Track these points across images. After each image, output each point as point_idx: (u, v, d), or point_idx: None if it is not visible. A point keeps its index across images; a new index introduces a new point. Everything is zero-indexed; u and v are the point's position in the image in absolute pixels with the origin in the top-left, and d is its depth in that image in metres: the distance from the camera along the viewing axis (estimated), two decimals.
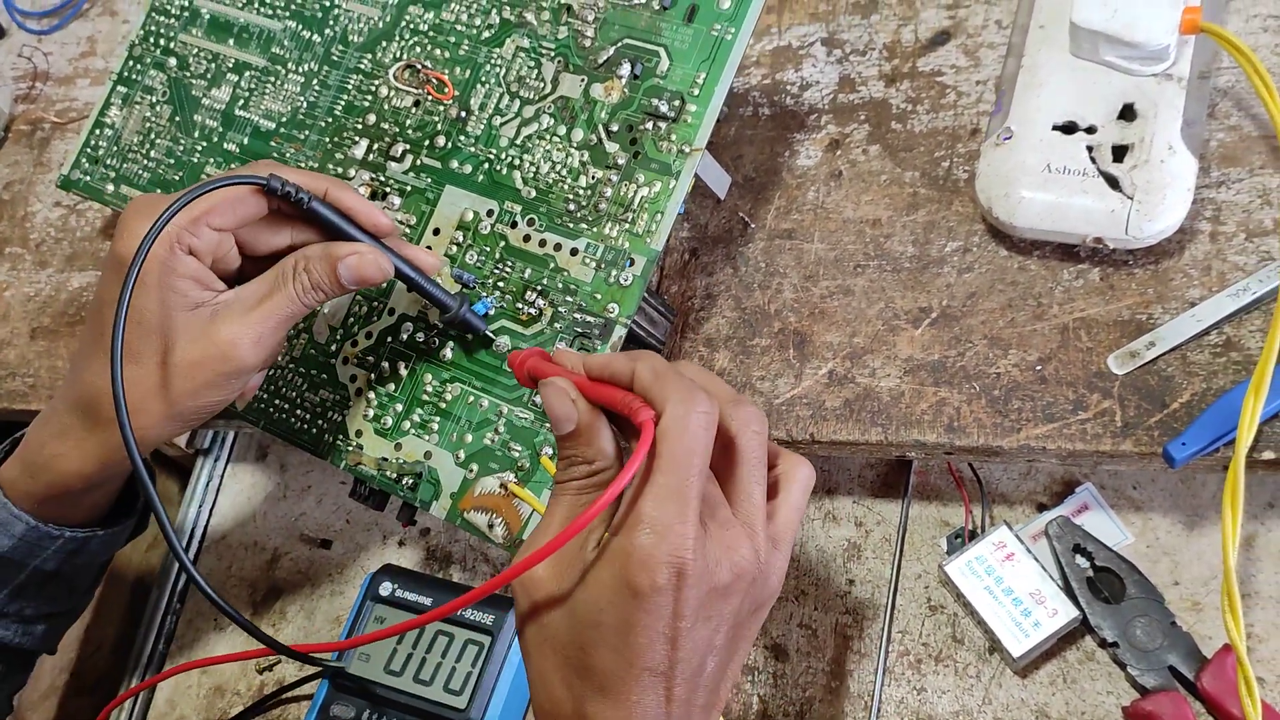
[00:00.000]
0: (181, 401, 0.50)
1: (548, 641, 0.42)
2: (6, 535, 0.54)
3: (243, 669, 0.67)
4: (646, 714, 0.40)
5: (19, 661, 0.61)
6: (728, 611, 0.41)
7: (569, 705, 0.41)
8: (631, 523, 0.39)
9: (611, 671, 0.40)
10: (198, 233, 0.50)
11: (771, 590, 0.43)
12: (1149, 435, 0.52)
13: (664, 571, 0.38)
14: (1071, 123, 0.56)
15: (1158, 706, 0.52)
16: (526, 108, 0.59)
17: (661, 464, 0.39)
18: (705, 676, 0.41)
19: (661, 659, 0.39)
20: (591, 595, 0.40)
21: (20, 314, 0.73)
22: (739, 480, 0.42)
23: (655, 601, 0.39)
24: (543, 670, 0.42)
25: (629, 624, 0.39)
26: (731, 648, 0.42)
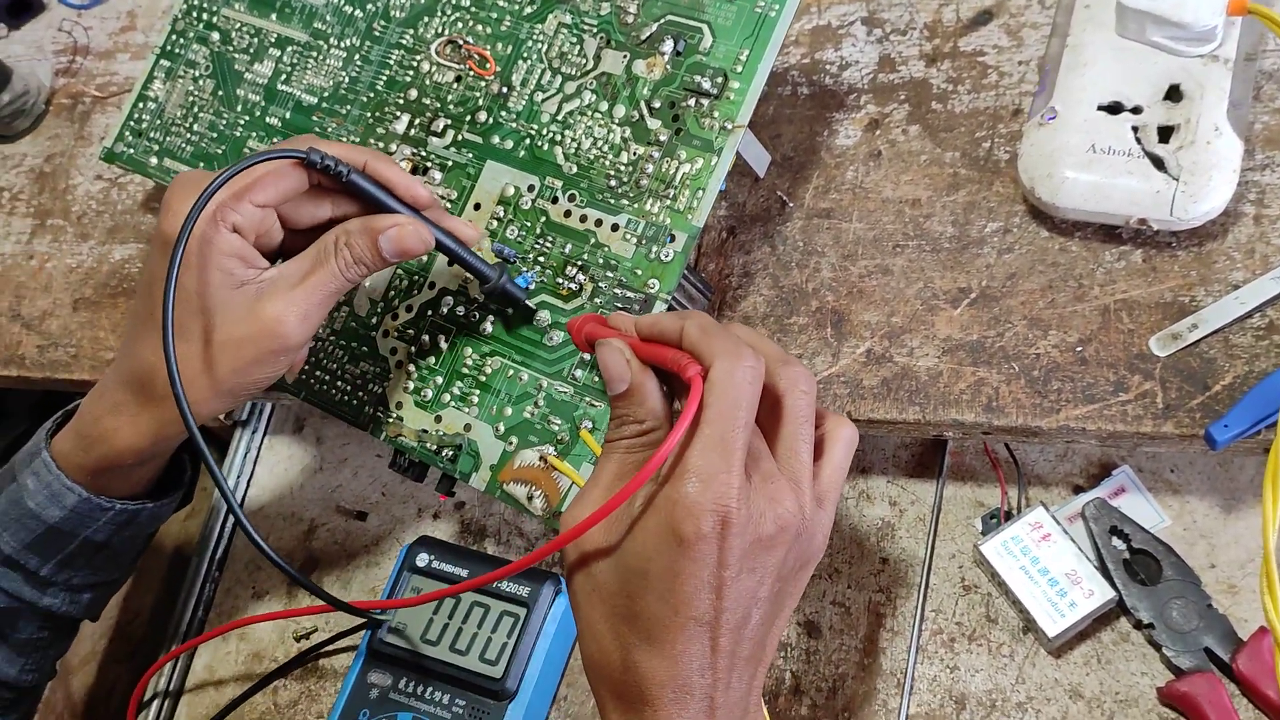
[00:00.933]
0: (230, 379, 0.51)
1: (596, 591, 0.42)
2: (58, 506, 0.55)
3: (280, 636, 0.68)
4: (691, 663, 0.40)
5: (64, 628, 0.62)
6: (772, 564, 0.41)
7: (617, 655, 0.42)
8: (678, 473, 0.40)
9: (657, 619, 0.40)
10: (241, 210, 0.50)
11: (816, 548, 0.43)
12: (1190, 417, 0.52)
13: (709, 519, 0.39)
14: (1117, 103, 0.56)
15: (1193, 688, 0.52)
16: (568, 84, 0.60)
17: (708, 415, 0.40)
18: (750, 629, 0.41)
19: (706, 608, 0.40)
20: (639, 544, 0.41)
21: (62, 285, 0.74)
22: (785, 437, 0.43)
23: (700, 549, 0.39)
24: (591, 620, 0.43)
25: (675, 572, 0.40)
26: (776, 602, 0.43)
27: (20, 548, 0.56)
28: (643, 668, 0.41)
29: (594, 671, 0.43)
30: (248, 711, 0.67)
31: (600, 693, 0.43)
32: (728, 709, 0.41)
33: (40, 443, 0.57)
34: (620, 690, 0.42)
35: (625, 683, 0.41)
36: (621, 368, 0.43)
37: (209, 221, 0.49)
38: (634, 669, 0.41)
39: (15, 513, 0.56)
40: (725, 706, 0.41)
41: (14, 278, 0.75)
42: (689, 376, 0.41)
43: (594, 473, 0.44)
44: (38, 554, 0.57)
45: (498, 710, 0.58)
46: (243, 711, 0.67)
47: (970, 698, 0.56)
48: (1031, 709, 0.55)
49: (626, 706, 0.42)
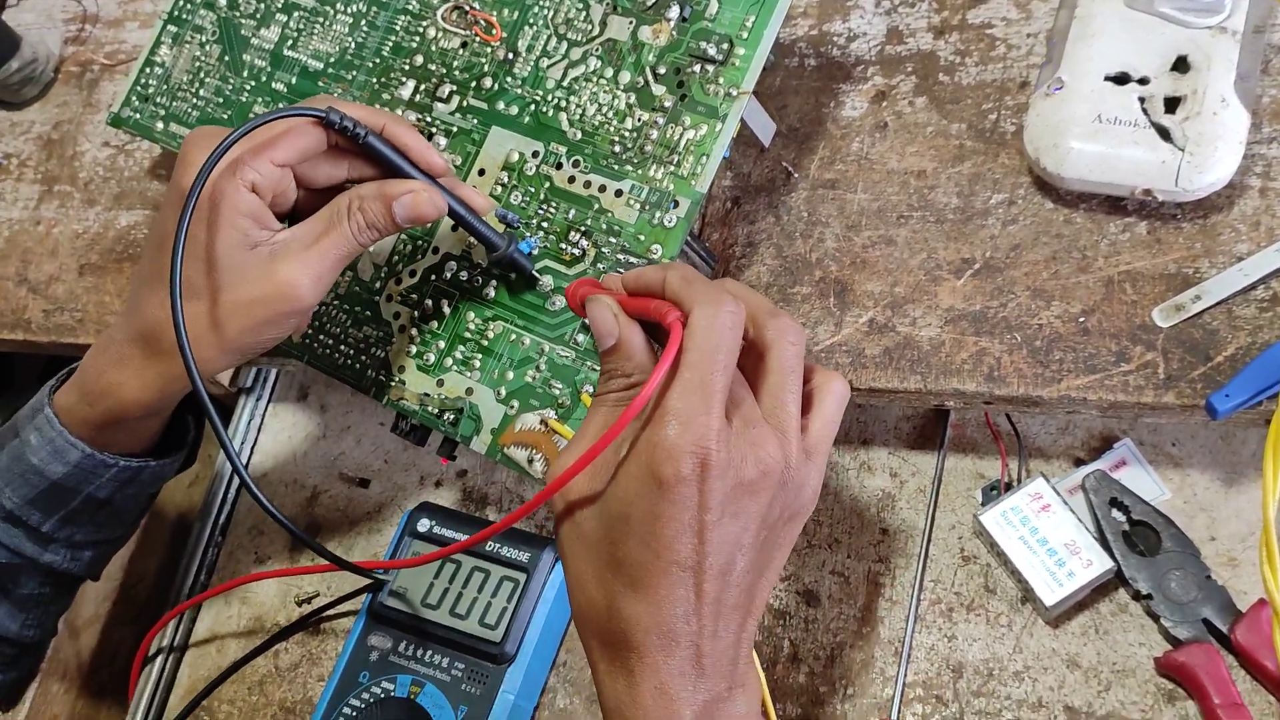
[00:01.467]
0: (240, 338, 0.51)
1: (581, 540, 0.43)
2: (61, 462, 0.56)
3: (282, 600, 0.69)
4: (676, 608, 0.40)
5: (65, 585, 0.62)
6: (755, 510, 0.41)
7: (602, 602, 0.42)
8: (658, 417, 0.40)
9: (640, 564, 0.40)
10: (259, 167, 0.50)
11: (805, 501, 0.43)
12: (1192, 388, 0.51)
13: (688, 461, 0.39)
14: (1124, 73, 0.55)
15: (1190, 658, 0.52)
16: (574, 50, 0.59)
17: (688, 359, 0.41)
18: (735, 575, 0.41)
19: (689, 552, 0.40)
20: (621, 489, 0.41)
21: (69, 250, 0.74)
22: (771, 387, 0.43)
23: (680, 492, 0.39)
24: (578, 569, 0.43)
25: (656, 515, 0.40)
26: (764, 552, 0.42)
27: (22, 503, 0.57)
28: (627, 614, 0.41)
29: (581, 620, 0.43)
30: (249, 673, 0.67)
31: (588, 641, 0.43)
32: (715, 657, 0.41)
33: (43, 399, 0.57)
34: (607, 637, 0.42)
35: (611, 630, 0.42)
36: (609, 323, 0.44)
37: (226, 177, 0.49)
38: (619, 615, 0.41)
39: (18, 468, 0.56)
40: (713, 655, 0.41)
41: (21, 243, 0.76)
42: (669, 323, 0.41)
43: (582, 426, 0.45)
44: (40, 510, 0.57)
45: (496, 674, 0.59)
46: (244, 673, 0.67)
47: (968, 666, 0.56)
48: (1029, 678, 0.55)
49: (613, 654, 0.42)
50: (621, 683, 0.42)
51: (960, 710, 0.55)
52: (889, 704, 0.56)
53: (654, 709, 0.41)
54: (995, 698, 0.55)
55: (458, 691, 0.59)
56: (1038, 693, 0.55)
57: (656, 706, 0.41)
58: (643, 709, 0.41)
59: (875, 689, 0.57)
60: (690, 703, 0.41)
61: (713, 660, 0.41)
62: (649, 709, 0.41)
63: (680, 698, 0.41)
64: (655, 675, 0.41)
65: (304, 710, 0.65)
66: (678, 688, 0.41)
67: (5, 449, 0.57)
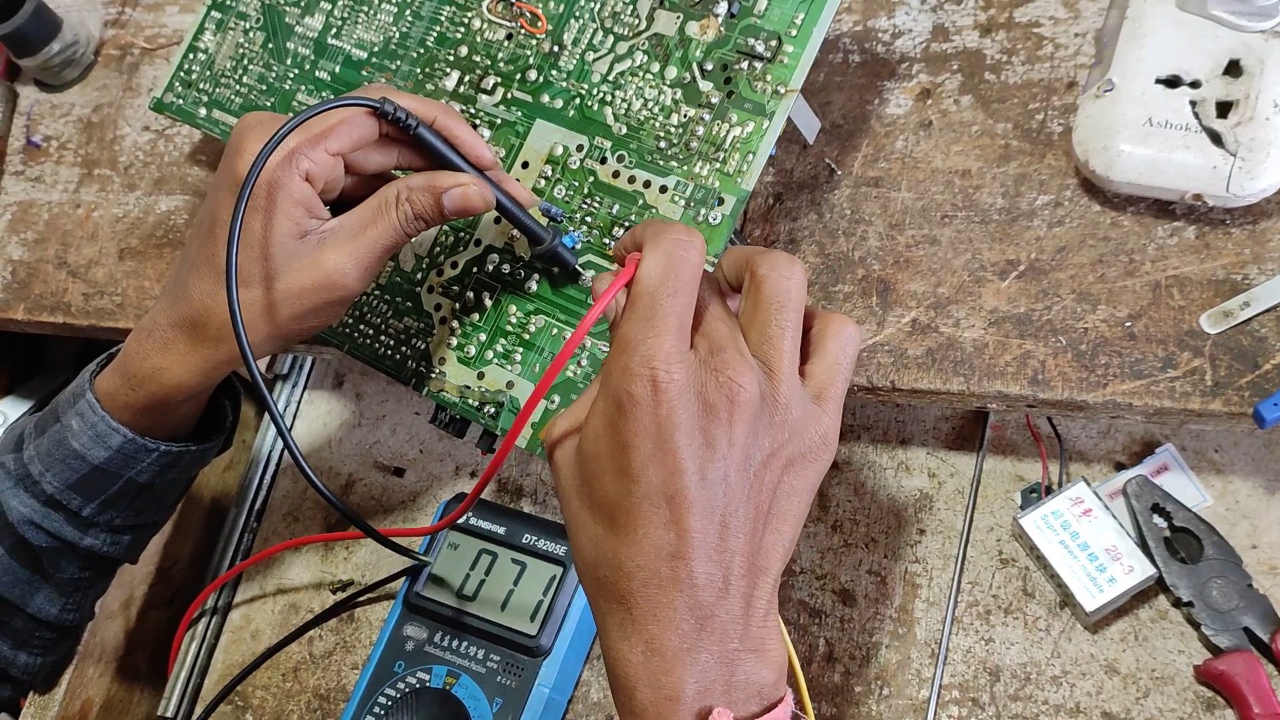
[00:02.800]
0: (287, 325, 0.52)
1: (566, 489, 0.43)
2: (103, 447, 0.56)
3: (317, 588, 0.69)
4: (658, 546, 0.39)
5: (104, 568, 0.63)
6: (728, 440, 0.39)
7: (590, 550, 0.41)
8: (613, 350, 0.41)
9: (615, 500, 0.40)
10: (315, 157, 0.50)
11: (809, 445, 0.42)
12: (1239, 395, 0.51)
13: (639, 383, 0.39)
14: (1175, 76, 0.55)
15: (1231, 666, 0.52)
16: (620, 44, 0.59)
17: (636, 291, 0.41)
18: (728, 515, 0.39)
19: (659, 479, 0.39)
20: (591, 428, 0.41)
21: (109, 234, 0.75)
22: (759, 322, 0.42)
23: (637, 415, 0.39)
24: (569, 521, 0.43)
25: (622, 445, 0.40)
26: (761, 495, 0.40)
27: (63, 488, 0.57)
28: (611, 558, 0.40)
29: (581, 574, 0.42)
30: (283, 660, 0.68)
31: (591, 602, 0.42)
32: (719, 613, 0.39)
33: (84, 384, 0.57)
34: (599, 590, 0.41)
35: (600, 581, 0.40)
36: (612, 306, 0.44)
37: (283, 165, 0.49)
38: (605, 561, 0.40)
39: (59, 453, 0.56)
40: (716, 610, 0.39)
41: (61, 226, 0.76)
42: (626, 263, 0.43)
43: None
44: (80, 494, 0.57)
45: (531, 667, 0.59)
46: (278, 660, 0.68)
47: (1005, 670, 0.56)
48: (1066, 683, 0.55)
49: (608, 609, 0.40)
50: (615, 640, 0.40)
51: (997, 713, 0.55)
52: (925, 706, 0.56)
53: (645, 669, 0.39)
54: (1032, 702, 0.55)
55: (493, 684, 0.59)
56: (1075, 698, 0.55)
57: (649, 666, 0.39)
58: (634, 669, 0.39)
59: (911, 690, 0.57)
60: (689, 662, 0.39)
61: (716, 616, 0.39)
62: (640, 669, 0.39)
63: (675, 656, 0.39)
64: (645, 629, 0.39)
65: (338, 698, 0.66)
66: (671, 643, 0.39)
67: (46, 434, 0.57)
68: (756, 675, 0.40)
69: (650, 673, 0.39)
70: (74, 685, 0.67)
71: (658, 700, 0.39)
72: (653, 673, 0.39)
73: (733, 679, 0.39)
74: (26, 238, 0.76)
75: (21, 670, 0.62)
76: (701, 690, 0.39)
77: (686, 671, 0.39)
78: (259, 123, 0.51)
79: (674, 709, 0.39)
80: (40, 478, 0.56)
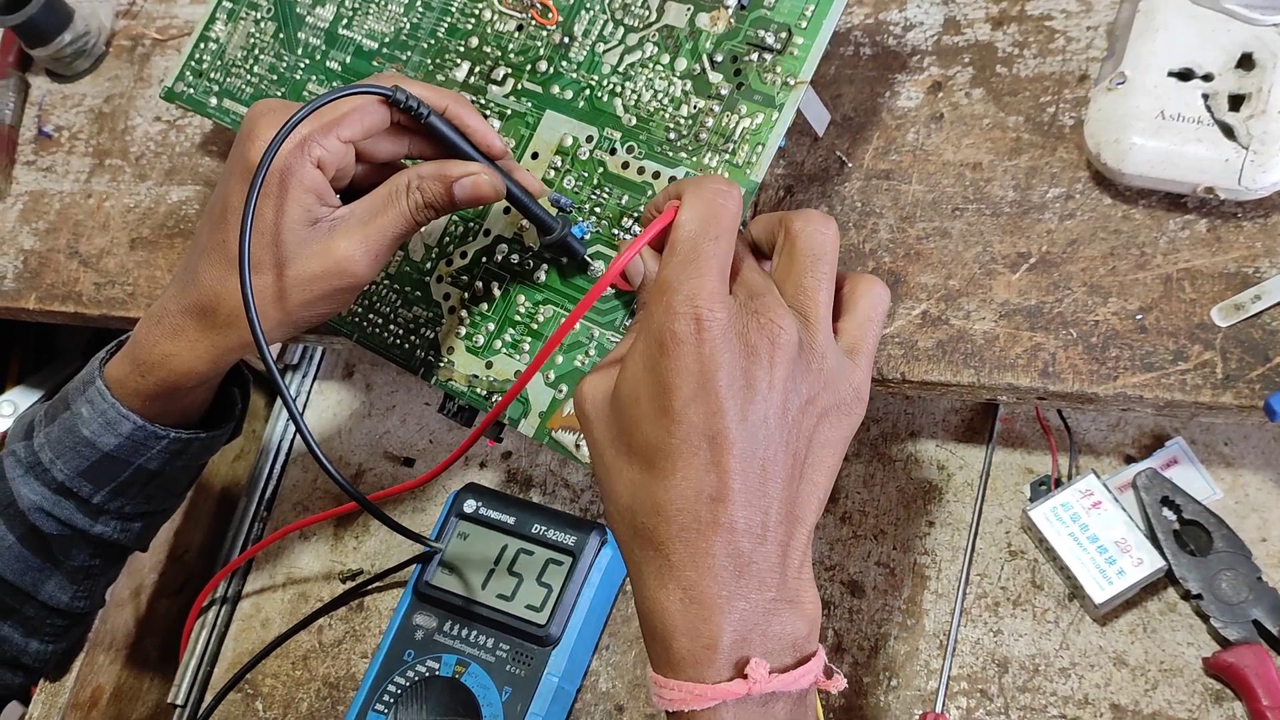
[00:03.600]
0: (296, 312, 0.52)
1: (600, 441, 0.43)
2: (113, 434, 0.56)
3: (326, 577, 0.69)
4: (699, 485, 0.39)
5: (114, 556, 0.63)
6: (770, 382, 0.40)
7: (627, 498, 0.41)
8: (654, 294, 0.41)
9: (655, 443, 0.40)
10: (327, 145, 0.50)
11: (844, 397, 0.42)
12: (1250, 388, 0.51)
13: (682, 321, 0.40)
14: (1188, 70, 0.55)
15: (1240, 659, 0.52)
16: (630, 35, 0.59)
17: (677, 238, 0.42)
18: (768, 459, 0.39)
19: (701, 418, 0.39)
20: (629, 373, 0.41)
21: (120, 224, 0.75)
22: (795, 275, 0.43)
23: (680, 353, 0.39)
24: (604, 473, 0.42)
25: (663, 385, 0.40)
26: (799, 443, 0.40)
27: (73, 475, 0.57)
28: (649, 502, 0.39)
29: (615, 525, 0.42)
30: (293, 648, 0.68)
31: (626, 546, 0.42)
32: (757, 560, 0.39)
33: (94, 371, 0.57)
34: (636, 539, 0.40)
35: (637, 529, 0.40)
36: (636, 264, 0.46)
37: (295, 153, 0.50)
38: (643, 508, 0.40)
39: (69, 441, 0.57)
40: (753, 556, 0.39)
41: (72, 215, 0.76)
42: (664, 209, 0.44)
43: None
44: (91, 481, 0.58)
45: (541, 656, 0.59)
46: (288, 648, 0.68)
47: (1013, 661, 0.56)
48: (1075, 674, 0.55)
49: (643, 558, 0.40)
50: (651, 589, 0.40)
51: (1005, 705, 0.56)
52: (933, 696, 0.56)
53: (683, 616, 0.39)
54: (1041, 693, 0.55)
55: (502, 673, 0.59)
56: (1084, 690, 0.55)
57: (687, 614, 0.39)
58: (671, 617, 0.39)
59: (919, 681, 0.57)
60: (727, 610, 0.38)
61: (754, 563, 0.39)
62: (677, 617, 0.39)
63: (713, 603, 0.38)
64: (683, 575, 0.39)
65: (347, 686, 0.66)
66: (710, 590, 0.38)
67: (56, 421, 0.58)
68: (791, 627, 0.40)
69: (688, 620, 0.39)
70: (84, 672, 0.67)
71: (695, 649, 0.39)
72: (691, 620, 0.39)
73: (769, 629, 0.39)
74: (38, 227, 0.76)
75: (33, 658, 0.62)
76: (738, 639, 0.39)
77: (724, 619, 0.39)
78: (271, 110, 0.51)
79: (711, 657, 0.39)
80: (51, 465, 0.57)
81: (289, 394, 0.50)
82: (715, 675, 0.39)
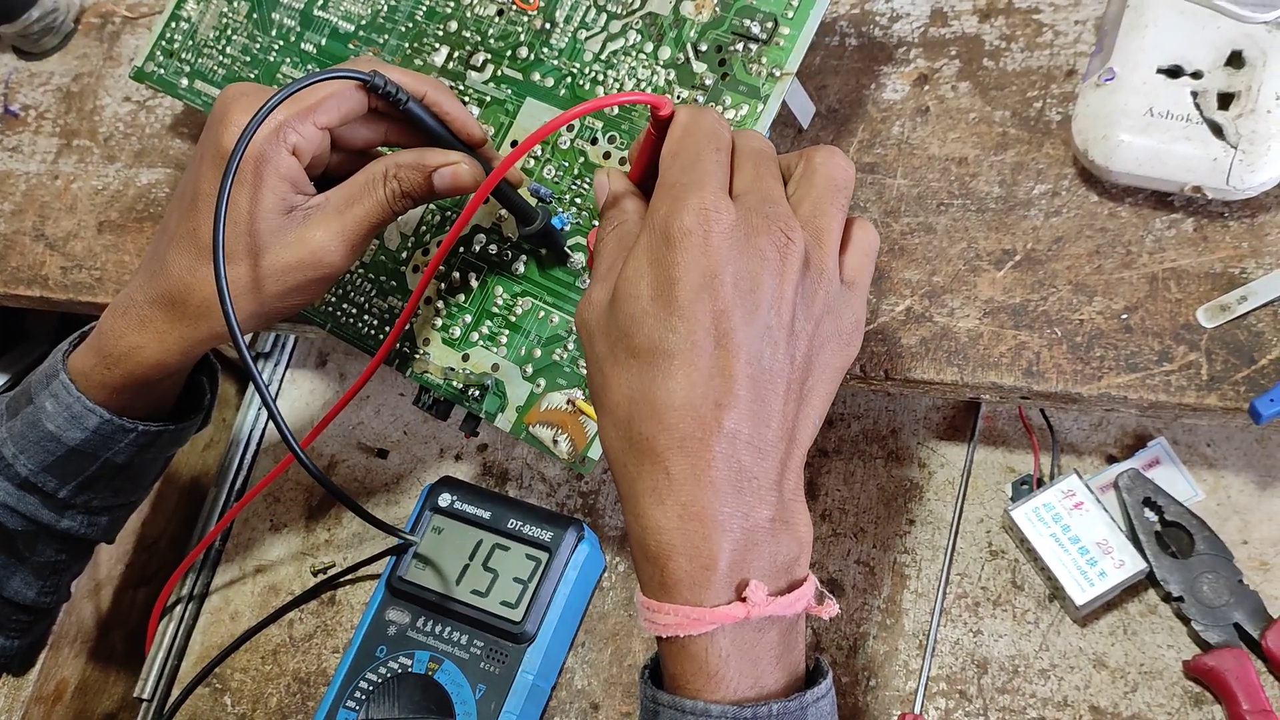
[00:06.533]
0: (270, 302, 0.50)
1: (598, 349, 0.41)
2: (79, 428, 0.55)
3: (298, 570, 0.68)
4: (704, 393, 0.38)
5: (81, 550, 0.62)
6: (776, 290, 0.39)
7: (625, 404, 0.39)
8: (658, 194, 0.41)
9: (657, 342, 0.39)
10: (303, 131, 0.49)
11: (845, 327, 0.41)
12: (1235, 390, 0.51)
13: (690, 214, 0.39)
14: (1177, 67, 0.54)
15: (1220, 662, 0.51)
16: (613, 22, 0.58)
17: (678, 147, 0.42)
18: (772, 374, 0.38)
19: (705, 319, 0.38)
20: (630, 270, 0.40)
21: (88, 207, 0.73)
22: (815, 198, 0.42)
23: (687, 245, 0.39)
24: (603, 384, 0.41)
25: (668, 279, 0.39)
26: (801, 356, 0.39)
27: (38, 470, 0.56)
28: (649, 409, 0.38)
29: (611, 443, 0.40)
30: (262, 642, 0.67)
31: (621, 464, 0.40)
32: (756, 474, 0.38)
33: (57, 364, 0.56)
34: (631, 451, 0.39)
35: (636, 438, 0.39)
36: (602, 181, 0.45)
37: (270, 139, 0.48)
38: (642, 414, 0.38)
39: (33, 435, 0.55)
40: (753, 470, 0.38)
41: (38, 197, 0.74)
42: (664, 114, 0.43)
43: (595, 261, 0.44)
44: (56, 476, 0.56)
45: (516, 653, 0.58)
46: (257, 642, 0.67)
47: (993, 662, 0.56)
48: (1054, 676, 0.55)
49: (638, 472, 0.39)
50: (647, 506, 0.38)
51: (984, 706, 0.55)
52: (912, 697, 0.56)
53: (682, 534, 0.37)
54: (1020, 695, 0.55)
55: (476, 670, 0.58)
56: (1063, 691, 0.54)
57: (685, 531, 0.37)
58: (669, 535, 0.38)
59: (898, 682, 0.57)
60: (726, 528, 0.37)
61: (755, 478, 0.38)
62: (675, 535, 0.37)
63: (712, 521, 0.37)
64: (683, 490, 0.38)
65: (318, 681, 0.65)
66: (710, 505, 0.37)
67: (19, 416, 0.56)
68: (785, 550, 0.39)
69: (687, 539, 0.38)
70: (49, 666, 0.66)
71: (694, 570, 0.38)
72: (690, 539, 0.38)
73: (764, 551, 0.38)
74: (3, 209, 0.74)
75: None
76: (736, 561, 0.38)
77: (724, 538, 0.37)
78: (244, 94, 0.50)
79: (710, 578, 0.38)
80: (14, 460, 0.55)
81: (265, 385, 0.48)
82: (713, 598, 0.38)
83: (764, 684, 0.39)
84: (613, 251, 0.44)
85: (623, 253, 0.43)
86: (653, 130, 0.45)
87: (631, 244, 0.42)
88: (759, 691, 0.39)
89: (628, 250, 0.42)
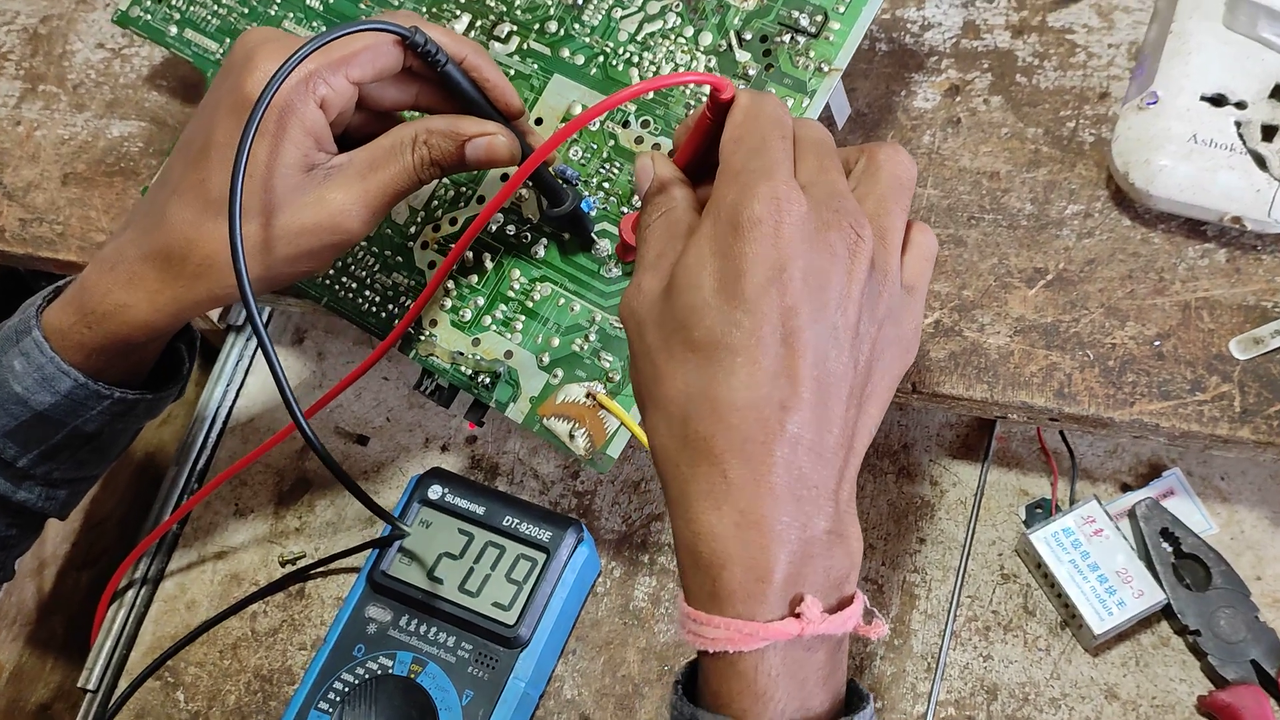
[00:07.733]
0: (278, 266, 0.47)
1: (650, 342, 0.39)
2: (49, 391, 0.50)
3: (264, 559, 0.64)
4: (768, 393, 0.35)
5: (33, 525, 0.56)
6: (846, 293, 0.37)
7: (681, 404, 0.37)
8: (723, 181, 0.39)
9: (720, 336, 0.36)
10: (334, 84, 0.45)
11: (905, 333, 0.40)
12: (1268, 424, 0.50)
13: (761, 202, 0.37)
14: (1221, 95, 0.54)
15: (1237, 699, 0.51)
16: (651, 3, 0.56)
17: (741, 132, 0.40)
18: (836, 378, 0.36)
19: (773, 314, 0.36)
20: (691, 259, 0.38)
21: (52, 157, 0.68)
22: (880, 195, 0.40)
23: (757, 235, 0.36)
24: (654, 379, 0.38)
25: (735, 269, 0.36)
26: (862, 358, 0.38)
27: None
28: (708, 407, 0.36)
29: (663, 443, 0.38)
30: (221, 635, 0.62)
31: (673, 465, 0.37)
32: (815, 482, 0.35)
33: (30, 319, 0.51)
34: (692, 447, 0.36)
35: (692, 437, 0.36)
36: (646, 166, 0.43)
37: (298, 89, 0.44)
38: (700, 412, 0.36)
39: None
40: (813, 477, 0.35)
41: None
42: (726, 97, 0.41)
43: (639, 249, 0.42)
44: (18, 443, 0.51)
45: (508, 658, 0.55)
46: (216, 634, 0.62)
47: (1002, 689, 0.55)
48: (1065, 705, 0.54)
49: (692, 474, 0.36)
50: (701, 511, 0.36)
51: None
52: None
53: (738, 542, 0.35)
54: None
55: (464, 674, 0.55)
56: None
57: (742, 539, 0.35)
58: (724, 543, 0.35)
59: (906, 704, 0.55)
60: (783, 539, 0.35)
61: (814, 487, 0.36)
62: (731, 543, 0.35)
63: (770, 530, 0.35)
64: (741, 495, 0.35)
65: (281, 680, 0.60)
66: (768, 513, 0.35)
67: None
68: (839, 565, 0.37)
69: (743, 548, 0.35)
70: None
71: (748, 581, 0.35)
72: (746, 548, 0.35)
73: (819, 564, 0.36)
74: None
75: None
76: (792, 574, 0.35)
77: (780, 549, 0.35)
78: (270, 38, 0.46)
79: (764, 592, 0.35)
80: None
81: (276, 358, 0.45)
82: (767, 613, 0.35)
83: (810, 706, 0.37)
84: (660, 239, 0.41)
85: (672, 240, 0.40)
86: (709, 114, 0.43)
87: (681, 231, 0.40)
88: (805, 714, 0.37)
89: (679, 238, 0.40)
